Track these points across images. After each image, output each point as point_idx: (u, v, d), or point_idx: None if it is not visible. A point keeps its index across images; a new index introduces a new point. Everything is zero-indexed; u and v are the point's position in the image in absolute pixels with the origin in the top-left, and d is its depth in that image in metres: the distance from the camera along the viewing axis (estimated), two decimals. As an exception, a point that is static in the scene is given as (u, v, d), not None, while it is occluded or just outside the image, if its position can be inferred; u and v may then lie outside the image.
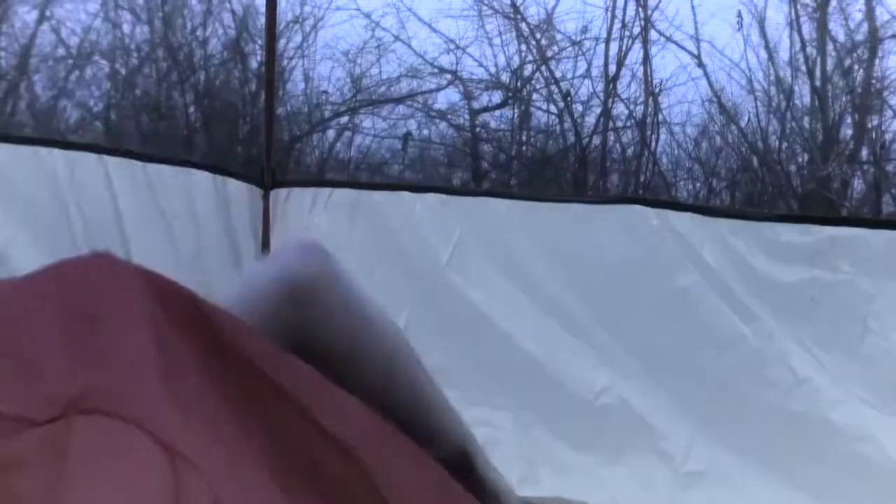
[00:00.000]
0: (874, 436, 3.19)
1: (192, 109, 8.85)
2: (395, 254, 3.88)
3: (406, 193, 3.95)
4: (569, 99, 8.92)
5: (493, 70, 9.39)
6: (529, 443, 3.50)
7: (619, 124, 8.95)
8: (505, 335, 3.64)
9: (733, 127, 8.86)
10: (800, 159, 8.73)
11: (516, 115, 9.30)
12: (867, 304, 3.31)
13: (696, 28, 8.65)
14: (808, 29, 8.73)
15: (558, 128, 9.06)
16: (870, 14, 8.16)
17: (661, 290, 3.53)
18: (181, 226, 3.91)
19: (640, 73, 8.85)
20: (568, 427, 3.51)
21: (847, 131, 8.60)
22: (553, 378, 3.55)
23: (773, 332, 3.39)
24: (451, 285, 3.76)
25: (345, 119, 8.68)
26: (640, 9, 8.69)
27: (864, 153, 8.36)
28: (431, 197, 3.90)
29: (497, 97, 9.50)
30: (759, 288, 3.43)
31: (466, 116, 9.47)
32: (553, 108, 9.21)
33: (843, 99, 8.50)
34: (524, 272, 3.71)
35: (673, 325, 3.50)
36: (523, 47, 9.41)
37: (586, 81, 9.01)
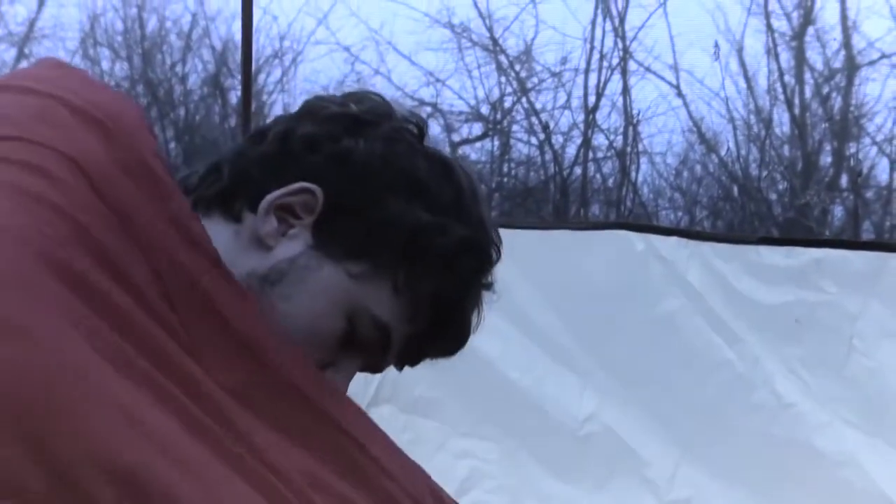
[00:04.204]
0: (857, 460, 3.20)
1: (172, 145, 8.84)
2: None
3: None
4: (549, 130, 8.95)
5: (472, 102, 9.41)
6: (515, 474, 3.46)
7: (600, 155, 8.98)
8: (489, 363, 3.60)
9: (714, 156, 8.91)
10: (780, 187, 8.78)
11: (497, 146, 9.33)
12: (851, 324, 3.31)
13: (674, 58, 8.72)
14: (786, 57, 8.82)
15: (539, 159, 9.09)
16: (847, 41, 8.24)
17: (646, 315, 3.50)
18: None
19: (619, 104, 8.90)
20: (553, 456, 3.46)
21: (826, 159, 8.67)
22: (538, 406, 3.51)
23: (759, 356, 3.38)
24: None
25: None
26: (619, 39, 8.75)
27: (844, 180, 8.42)
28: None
29: (477, 129, 9.52)
30: (745, 311, 3.42)
31: (447, 149, 9.47)
32: (533, 140, 9.25)
33: (822, 126, 8.57)
34: (508, 300, 3.66)
35: (658, 351, 3.47)
36: (503, 79, 9.45)
37: (566, 112, 9.04)
